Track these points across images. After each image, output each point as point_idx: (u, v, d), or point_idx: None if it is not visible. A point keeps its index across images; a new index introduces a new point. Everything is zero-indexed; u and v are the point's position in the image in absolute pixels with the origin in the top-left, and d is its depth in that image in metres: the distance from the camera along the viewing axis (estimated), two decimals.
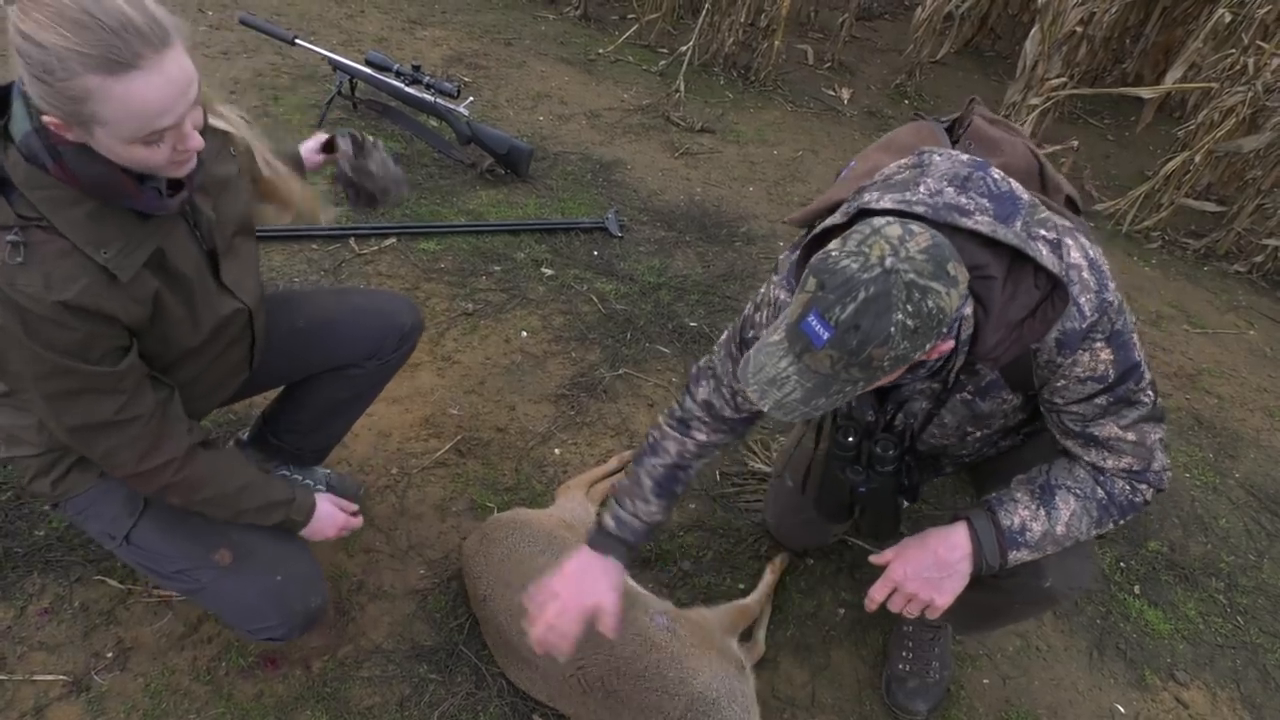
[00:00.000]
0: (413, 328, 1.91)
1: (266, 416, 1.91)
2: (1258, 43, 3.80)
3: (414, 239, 3.10)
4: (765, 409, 1.25)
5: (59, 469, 1.52)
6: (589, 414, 2.55)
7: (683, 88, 4.50)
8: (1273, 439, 3.01)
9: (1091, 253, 1.34)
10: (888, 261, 1.13)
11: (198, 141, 1.23)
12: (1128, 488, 1.46)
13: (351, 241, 3.01)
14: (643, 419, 2.57)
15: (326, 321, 1.81)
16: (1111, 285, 1.33)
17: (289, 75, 3.93)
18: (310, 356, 1.81)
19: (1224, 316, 3.69)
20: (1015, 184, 1.35)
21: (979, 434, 1.59)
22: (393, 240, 3.07)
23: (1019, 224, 1.29)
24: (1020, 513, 1.46)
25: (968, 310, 1.27)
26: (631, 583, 1.89)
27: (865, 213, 1.27)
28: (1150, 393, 1.40)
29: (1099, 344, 1.33)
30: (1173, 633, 2.26)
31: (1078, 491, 1.46)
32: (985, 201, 1.30)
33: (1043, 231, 1.31)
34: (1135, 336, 1.37)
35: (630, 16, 5.21)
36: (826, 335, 1.15)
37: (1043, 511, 1.46)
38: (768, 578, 2.11)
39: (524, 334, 2.80)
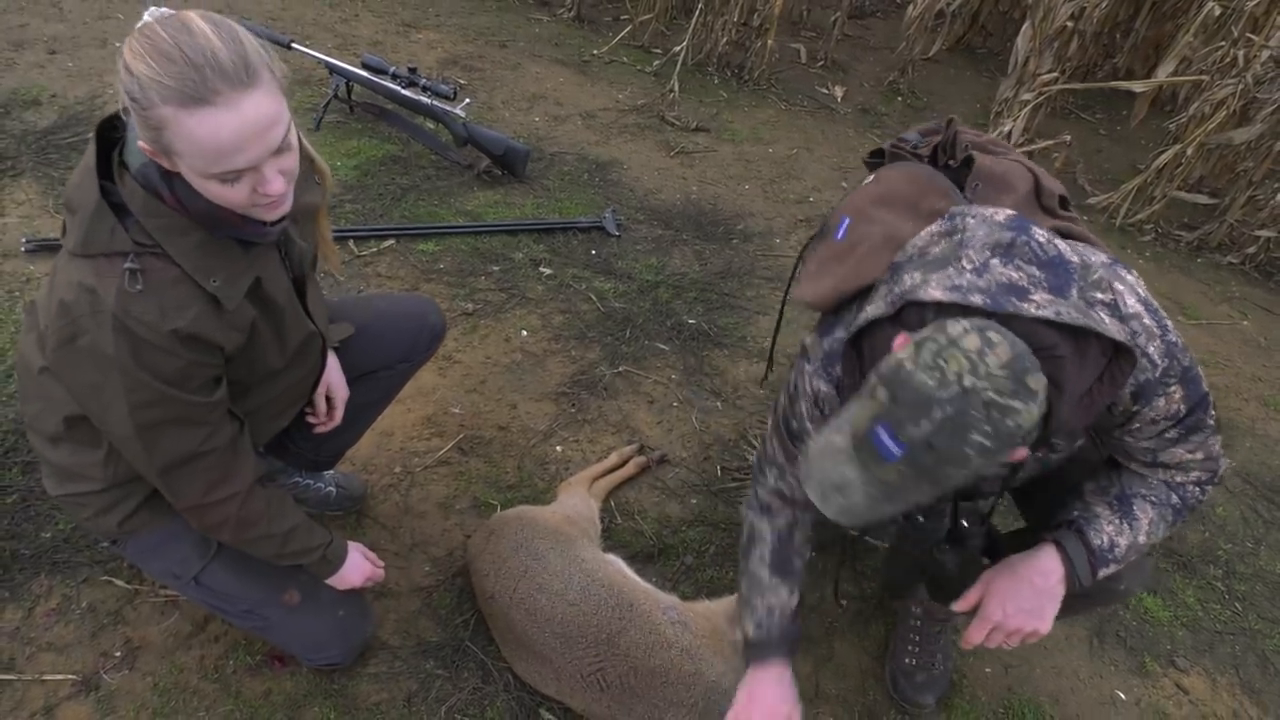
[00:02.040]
0: (441, 327, 1.95)
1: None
2: (1247, 35, 3.83)
3: (412, 240, 3.11)
4: (830, 514, 1.21)
5: (125, 506, 1.52)
6: (590, 411, 2.57)
7: (677, 87, 4.51)
8: (1268, 428, 3.03)
9: (1141, 290, 1.31)
10: (966, 381, 1.07)
11: (278, 187, 1.21)
12: (1198, 490, 1.47)
13: (350, 243, 3.02)
14: (643, 416, 2.58)
15: (361, 329, 1.83)
16: (1169, 323, 1.30)
17: (285, 79, 3.93)
18: (347, 364, 1.82)
19: (1218, 307, 3.72)
20: (1060, 244, 1.26)
21: (1041, 471, 1.58)
22: (391, 242, 3.08)
23: (1074, 292, 1.22)
24: (1106, 529, 1.45)
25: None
26: (637, 578, 1.90)
27: (914, 305, 1.22)
28: (1213, 413, 1.39)
29: (1173, 387, 1.31)
30: (1172, 620, 2.28)
31: (1153, 499, 1.46)
32: (1036, 271, 1.21)
33: (1099, 295, 1.25)
34: (1198, 368, 1.34)
35: (624, 17, 5.22)
36: (899, 452, 1.10)
37: (1125, 525, 1.45)
38: None
39: (524, 333, 2.81)
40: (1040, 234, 1.24)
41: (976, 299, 1.17)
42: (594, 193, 3.62)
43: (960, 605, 1.51)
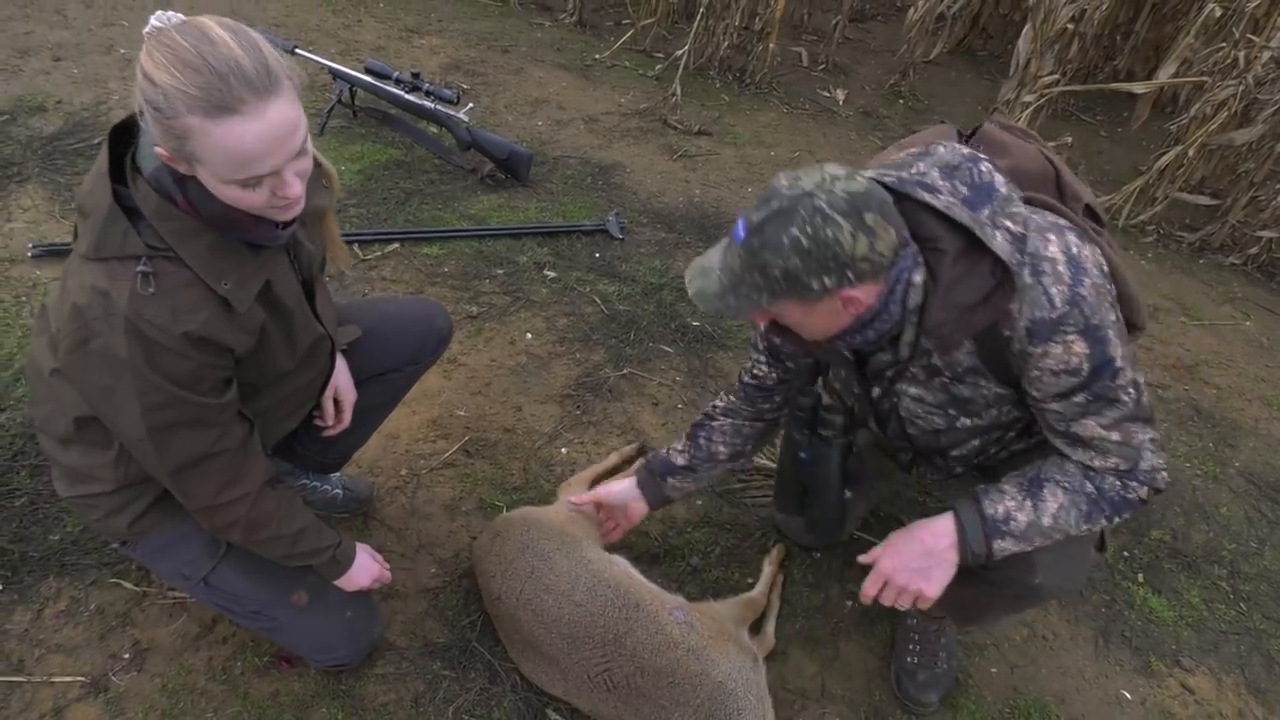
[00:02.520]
0: (448, 330, 1.97)
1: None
2: (1248, 36, 3.83)
3: (417, 244, 3.12)
4: (690, 292, 1.40)
5: (136, 507, 1.53)
6: (595, 413, 2.58)
7: (679, 91, 4.53)
8: (1271, 428, 3.04)
9: (1075, 250, 1.36)
10: (809, 187, 1.26)
11: (297, 190, 1.24)
12: (1118, 484, 1.46)
13: (355, 248, 3.03)
14: (648, 418, 2.59)
15: (368, 332, 1.84)
16: (1088, 282, 1.34)
17: (300, 84, 3.95)
18: (355, 367, 1.83)
19: (1220, 308, 3.72)
20: (1000, 179, 1.38)
21: (970, 424, 1.59)
22: (396, 246, 3.09)
23: (985, 212, 1.34)
24: (1006, 503, 1.48)
25: (917, 279, 1.35)
26: (642, 579, 1.91)
27: None
28: (1131, 392, 1.40)
29: (1071, 336, 1.34)
30: (1177, 620, 2.28)
31: (1066, 485, 1.47)
32: (963, 189, 1.35)
33: (1008, 223, 1.34)
34: (1115, 335, 1.37)
35: (625, 22, 5.24)
36: (742, 235, 1.30)
37: (1029, 503, 1.47)
38: (767, 570, 2.13)
39: (528, 336, 2.82)
40: (986, 165, 1.38)
41: (889, 180, 1.36)
42: (597, 196, 3.64)
43: (863, 558, 1.59)
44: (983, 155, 1.41)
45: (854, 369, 1.60)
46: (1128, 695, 2.09)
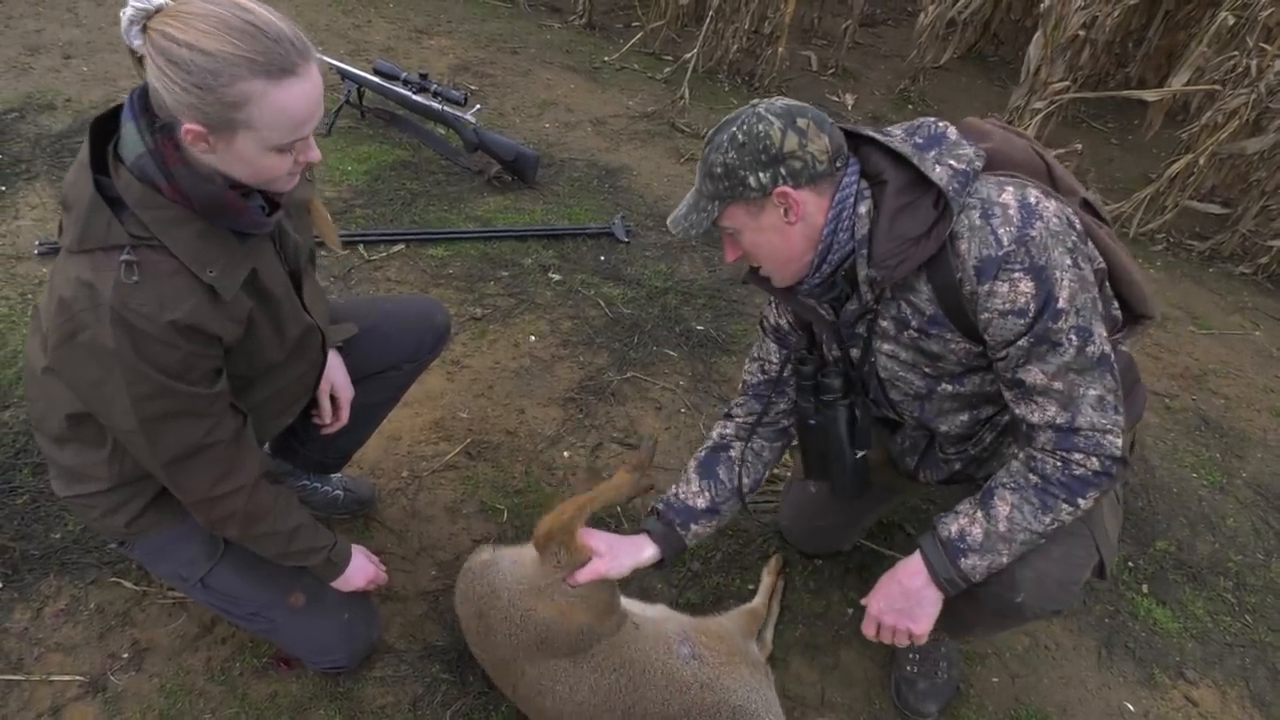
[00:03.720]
0: (446, 327, 1.96)
1: (291, 426, 1.93)
2: (1260, 45, 3.81)
3: (422, 245, 3.12)
4: (667, 223, 1.51)
5: (133, 506, 1.53)
6: (597, 417, 2.57)
7: (687, 94, 4.52)
8: None
9: (1033, 200, 1.35)
10: (759, 103, 1.41)
11: (317, 154, 1.30)
12: (1058, 463, 1.41)
13: (361, 248, 3.04)
14: (650, 422, 2.58)
15: (366, 330, 1.84)
16: (1039, 224, 1.33)
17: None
18: (353, 365, 1.83)
19: (1229, 317, 3.70)
20: (955, 132, 1.45)
21: (952, 389, 1.56)
22: (401, 247, 3.09)
23: (932, 153, 1.40)
24: (960, 521, 1.50)
25: (862, 209, 1.42)
26: (643, 609, 1.83)
27: None
28: (1074, 338, 1.36)
29: (1017, 273, 1.33)
30: (1181, 631, 2.26)
31: (1011, 485, 1.46)
32: (917, 139, 1.44)
33: (951, 161, 1.39)
34: (1067, 280, 1.34)
35: (635, 24, 5.24)
36: (704, 151, 1.43)
37: (979, 513, 1.48)
38: (766, 580, 2.12)
39: (532, 338, 2.81)
40: (945, 124, 1.47)
41: (847, 127, 1.47)
42: (603, 199, 3.63)
43: (864, 600, 1.65)
44: (947, 122, 1.48)
45: (833, 330, 1.61)
46: (1130, 707, 2.07)
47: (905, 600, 1.55)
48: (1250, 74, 3.82)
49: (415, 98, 3.56)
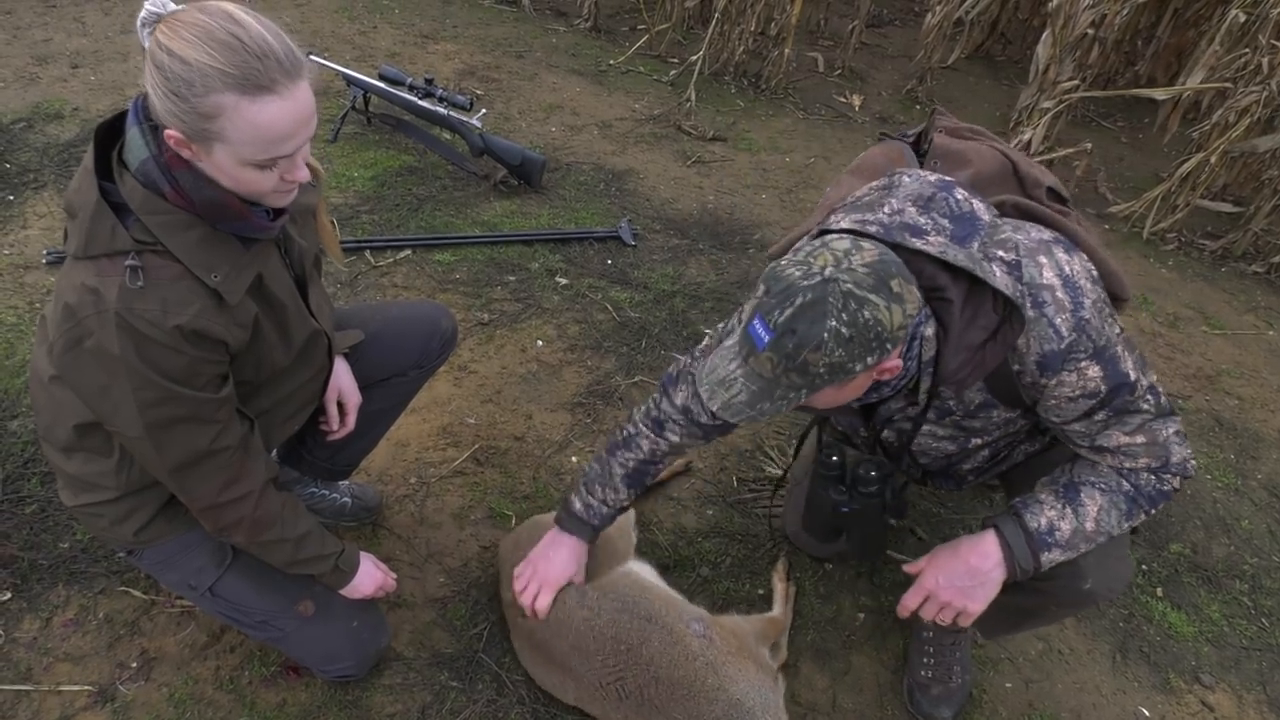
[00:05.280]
0: (453, 332, 1.95)
1: (299, 433, 1.93)
2: (1272, 42, 3.77)
3: (429, 250, 3.12)
4: (714, 409, 1.31)
5: (140, 515, 1.53)
6: (605, 422, 2.56)
7: (694, 97, 4.51)
8: None
9: (1068, 269, 1.34)
10: (828, 271, 1.20)
11: (305, 174, 1.28)
12: (1153, 479, 1.45)
13: (367, 254, 3.03)
14: None
15: (372, 336, 1.84)
16: (1088, 303, 1.33)
17: (312, 74, 3.96)
18: (359, 372, 1.82)
19: (1242, 317, 3.66)
20: (979, 204, 1.37)
21: (981, 443, 1.59)
22: (408, 252, 3.09)
23: (975, 245, 1.32)
24: (1047, 513, 1.46)
25: (929, 332, 1.32)
26: (666, 588, 1.89)
27: (825, 233, 1.33)
28: (1150, 399, 1.39)
29: (1084, 363, 1.33)
30: (1197, 635, 2.24)
31: (1103, 486, 1.45)
32: (945, 222, 1.33)
33: (1000, 253, 1.32)
34: (1124, 350, 1.36)
35: (640, 27, 5.23)
36: (767, 338, 1.21)
37: (1069, 510, 1.45)
38: (779, 587, 2.11)
39: (539, 343, 2.81)
40: (961, 193, 1.36)
41: (873, 229, 1.30)
42: (610, 202, 3.62)
43: (909, 567, 1.57)
44: (950, 179, 1.40)
45: (860, 416, 1.60)
46: (1146, 712, 2.05)
47: (969, 579, 1.48)
48: (1262, 71, 3.78)
49: (421, 103, 3.56)
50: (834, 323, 1.17)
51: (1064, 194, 1.58)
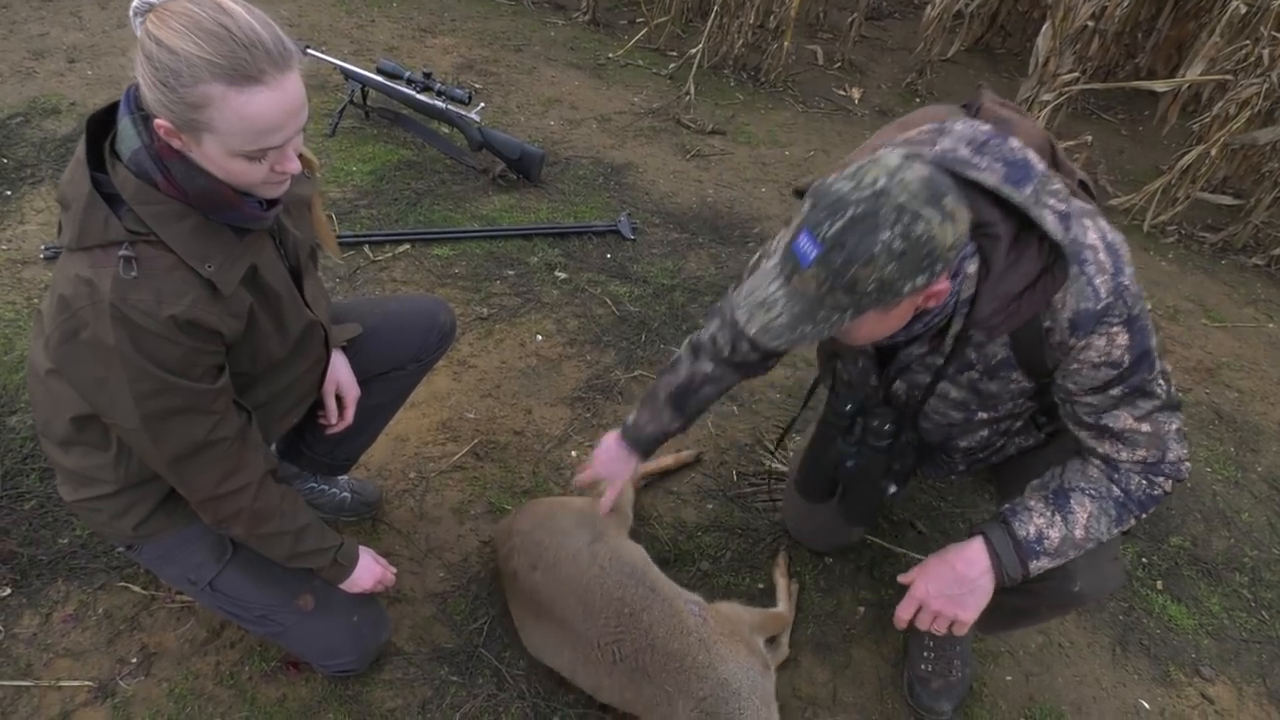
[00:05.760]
0: (451, 326, 1.95)
1: (298, 428, 1.92)
2: (1273, 34, 3.76)
3: (428, 245, 3.11)
4: (752, 332, 1.25)
5: (139, 510, 1.52)
6: (605, 416, 2.56)
7: (693, 90, 4.50)
8: None
9: (1110, 236, 1.33)
10: (880, 184, 1.14)
11: (296, 165, 1.27)
12: (1144, 482, 1.42)
13: (366, 249, 3.03)
14: None
15: (371, 330, 1.83)
16: (1129, 271, 1.31)
17: (302, 65, 3.94)
18: (358, 366, 1.82)
19: (1242, 310, 3.66)
20: (1033, 155, 1.34)
21: (987, 417, 1.56)
22: (406, 247, 3.08)
23: (1029, 190, 1.28)
24: (1035, 521, 1.44)
25: (971, 269, 1.29)
26: (663, 576, 1.89)
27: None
28: (1163, 383, 1.38)
29: (1115, 328, 1.31)
30: (1197, 628, 2.24)
31: (1092, 492, 1.43)
32: (999, 165, 1.30)
33: (1052, 201, 1.30)
34: (1149, 324, 1.35)
35: (639, 20, 5.21)
36: (814, 253, 1.15)
37: (1058, 517, 1.44)
38: (782, 583, 2.11)
39: (539, 337, 2.80)
40: (1015, 142, 1.33)
41: (926, 153, 1.25)
42: (609, 196, 3.62)
43: (902, 578, 1.55)
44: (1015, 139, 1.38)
45: (874, 361, 1.55)
46: (1146, 705, 2.05)
47: (958, 587, 1.47)
48: (1262, 63, 3.77)
49: (419, 97, 3.55)
50: (886, 236, 1.12)
51: (1094, 192, 1.57)
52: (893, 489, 1.67)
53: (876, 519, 1.73)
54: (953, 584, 1.47)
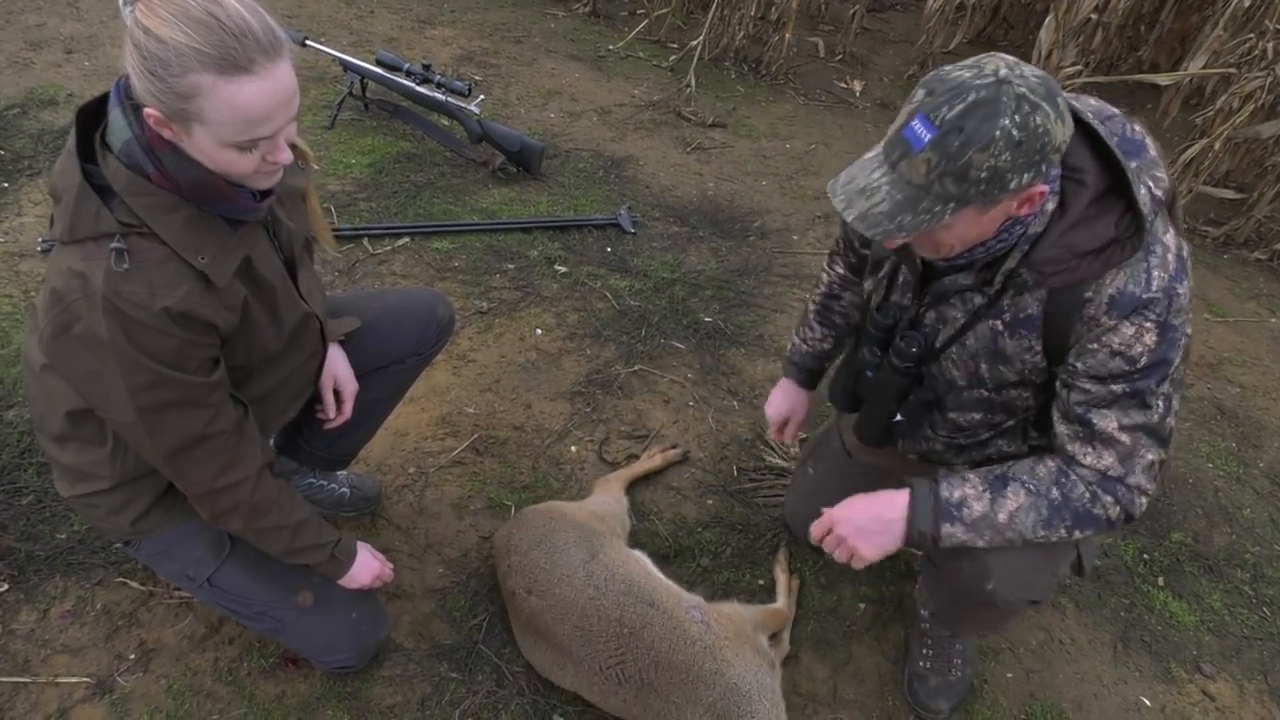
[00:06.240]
0: (450, 320, 1.94)
1: (296, 423, 1.89)
2: (1277, 27, 3.75)
3: (427, 238, 3.10)
4: (849, 219, 1.24)
5: (137, 505, 1.51)
6: (605, 411, 2.55)
7: (693, 83, 4.48)
8: None
9: (1183, 249, 1.33)
10: (1002, 72, 1.13)
11: (288, 156, 1.26)
12: (1089, 495, 1.40)
13: (365, 242, 3.01)
14: (659, 415, 2.56)
15: (369, 324, 1.82)
16: (1186, 284, 1.31)
17: (300, 77, 3.89)
18: (356, 360, 1.81)
19: (1245, 304, 3.65)
20: (1150, 141, 1.35)
21: (985, 394, 1.54)
22: (406, 240, 3.07)
23: (1135, 164, 1.29)
24: (965, 489, 1.45)
25: (1050, 205, 1.28)
26: (661, 576, 1.89)
27: None
28: (1163, 404, 1.35)
29: (1149, 324, 1.29)
30: (1198, 624, 2.23)
31: (1031, 487, 1.43)
32: (1114, 136, 1.30)
33: (1150, 182, 1.30)
34: (1182, 348, 1.33)
35: (640, 12, 5.19)
36: (929, 136, 1.15)
37: (988, 495, 1.44)
38: (782, 579, 2.11)
39: (538, 332, 2.79)
40: (1138, 127, 1.35)
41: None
42: (609, 189, 3.60)
43: (828, 508, 1.60)
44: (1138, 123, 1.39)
45: (917, 282, 1.54)
46: (1147, 702, 2.05)
47: (871, 524, 1.51)
48: (1266, 57, 3.75)
49: (419, 89, 3.54)
50: (1006, 123, 1.12)
51: (1178, 221, 1.59)
52: (899, 418, 1.68)
53: (886, 444, 1.74)
54: (869, 520, 1.52)
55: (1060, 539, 1.44)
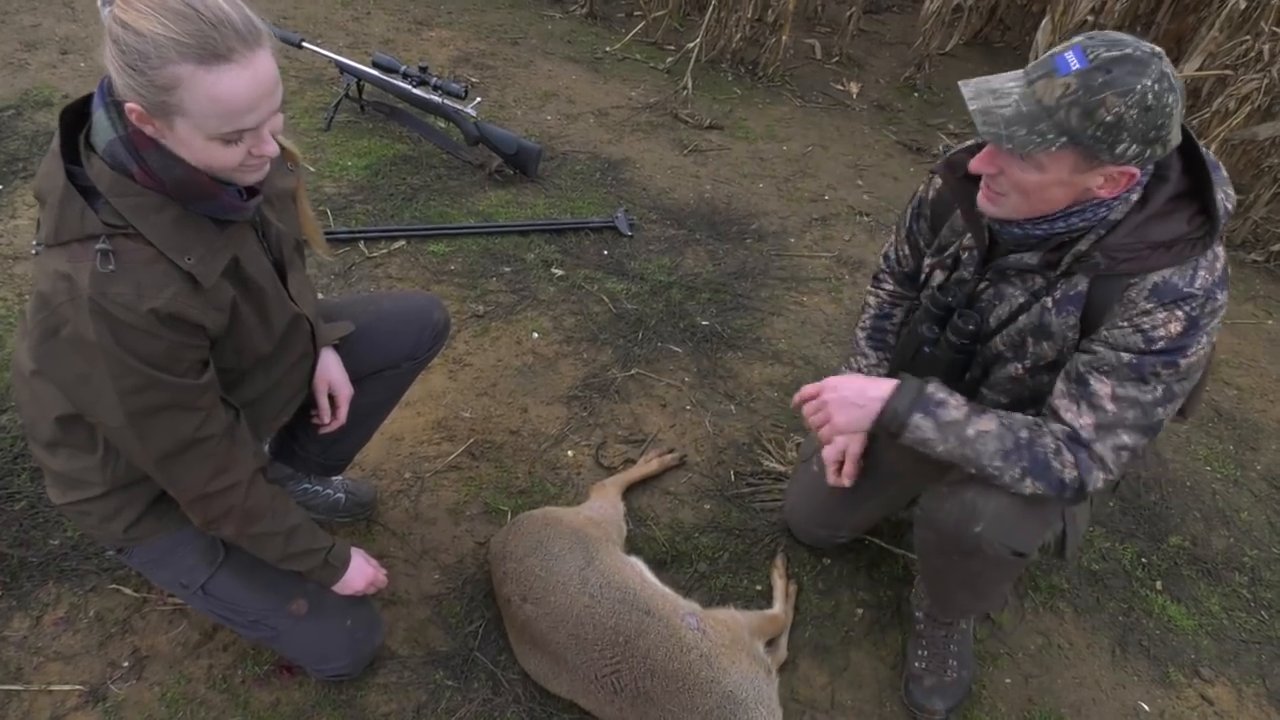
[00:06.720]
0: (445, 324, 1.93)
1: (291, 428, 1.88)
2: (1273, 29, 3.75)
3: (423, 241, 3.09)
4: (972, 109, 1.34)
5: (129, 513, 1.50)
6: (601, 415, 2.54)
7: (690, 85, 4.47)
8: None
9: (1228, 268, 1.42)
10: (1159, 50, 1.27)
11: (273, 148, 1.24)
12: (1052, 448, 1.48)
13: (361, 245, 3.00)
14: (655, 419, 2.55)
15: (363, 329, 1.81)
16: (1224, 295, 1.40)
17: (296, 79, 3.92)
18: (351, 365, 1.80)
19: (1242, 306, 3.65)
20: (1222, 171, 1.43)
21: (1019, 372, 1.60)
22: (402, 243, 3.06)
23: (1218, 175, 1.38)
24: (949, 397, 1.55)
25: (1134, 197, 1.39)
26: (657, 582, 1.89)
27: None
28: (1161, 391, 1.42)
29: (1179, 315, 1.37)
30: (1196, 628, 2.23)
31: (1005, 422, 1.50)
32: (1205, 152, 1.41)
33: (1225, 192, 1.39)
34: (1202, 351, 1.41)
35: (637, 14, 5.18)
36: (1078, 65, 1.25)
37: (967, 410, 1.52)
38: (779, 585, 2.10)
39: (535, 335, 2.78)
40: (1213, 156, 1.44)
41: None
42: (606, 192, 3.59)
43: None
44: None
45: (980, 257, 1.61)
46: (1145, 706, 2.04)
47: (855, 396, 1.58)
48: (1262, 58, 3.76)
49: (415, 91, 3.52)
50: (1150, 83, 1.23)
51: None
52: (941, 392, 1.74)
53: None
54: (855, 392, 1.59)
55: (1013, 481, 1.50)
